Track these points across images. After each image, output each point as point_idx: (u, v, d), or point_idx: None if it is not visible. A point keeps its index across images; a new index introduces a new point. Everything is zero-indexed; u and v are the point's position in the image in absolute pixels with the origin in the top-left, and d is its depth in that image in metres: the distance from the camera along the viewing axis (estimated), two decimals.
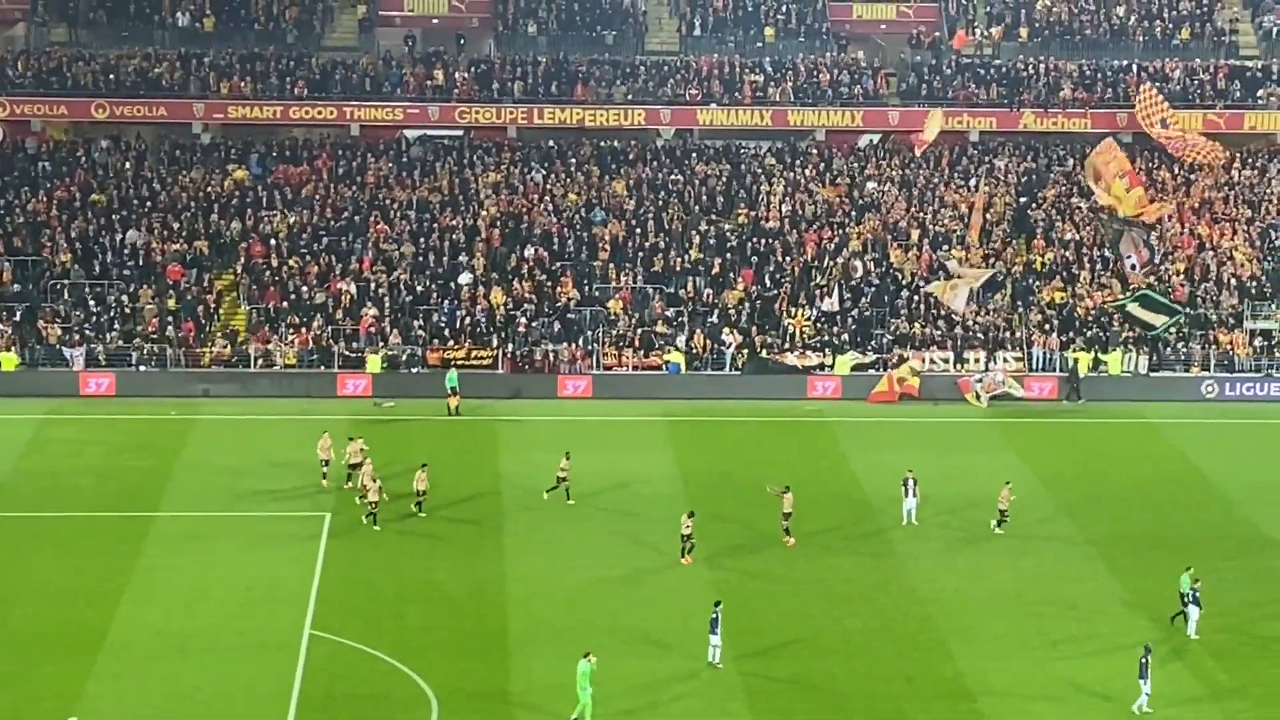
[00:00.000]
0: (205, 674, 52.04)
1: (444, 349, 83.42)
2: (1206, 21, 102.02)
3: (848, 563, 61.79)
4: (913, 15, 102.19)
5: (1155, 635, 55.24)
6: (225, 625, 55.46)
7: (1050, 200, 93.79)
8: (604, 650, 52.11)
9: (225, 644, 54.06)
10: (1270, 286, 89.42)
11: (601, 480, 69.24)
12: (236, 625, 55.47)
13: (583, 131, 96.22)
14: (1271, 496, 69.67)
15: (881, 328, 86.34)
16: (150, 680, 51.67)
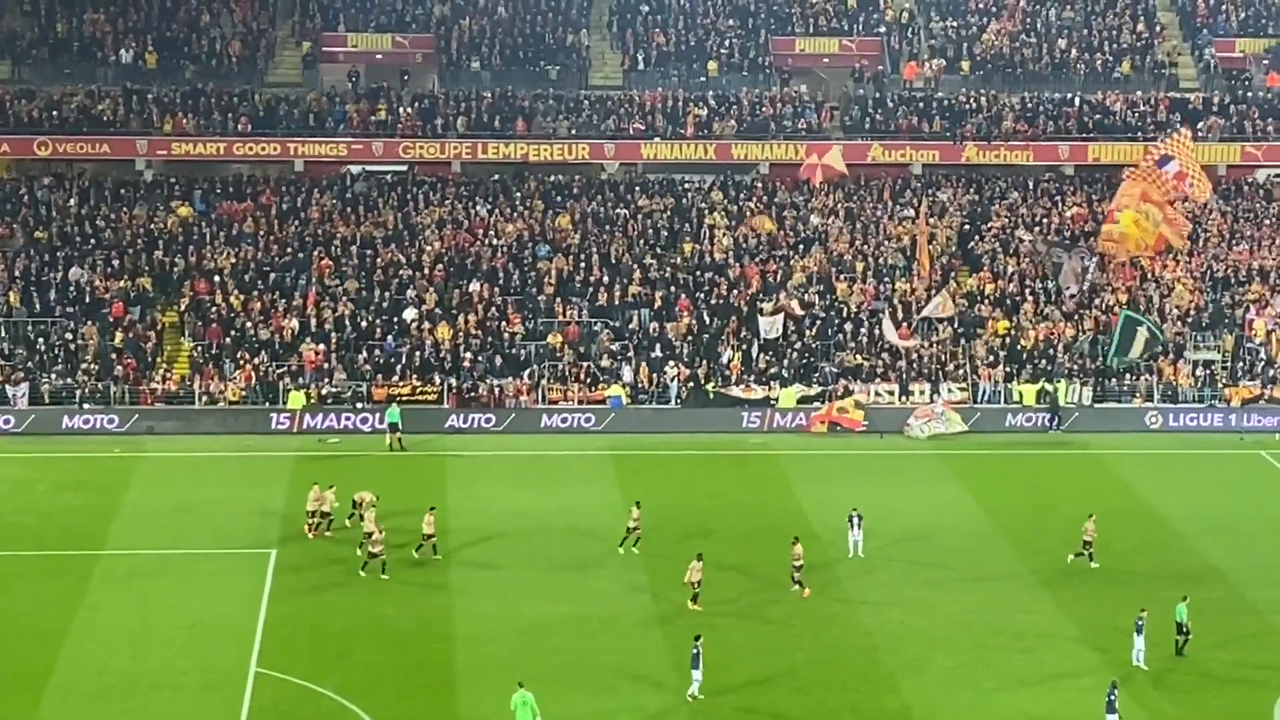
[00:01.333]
0: (151, 713, 51.73)
1: (389, 384, 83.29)
2: (1147, 54, 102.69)
3: (795, 596, 61.77)
4: (855, 49, 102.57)
5: (1102, 668, 55.44)
6: (171, 664, 55.14)
7: (994, 233, 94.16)
8: (552, 686, 52.24)
9: (171, 682, 53.73)
10: (1210, 318, 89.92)
11: (547, 515, 69.12)
12: (182, 663, 55.16)
13: (527, 166, 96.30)
14: (1216, 528, 69.97)
15: (826, 360, 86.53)
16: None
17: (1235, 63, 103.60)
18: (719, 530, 67.65)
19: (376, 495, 66.26)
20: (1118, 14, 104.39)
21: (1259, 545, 68.12)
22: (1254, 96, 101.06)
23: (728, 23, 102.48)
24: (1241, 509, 73.03)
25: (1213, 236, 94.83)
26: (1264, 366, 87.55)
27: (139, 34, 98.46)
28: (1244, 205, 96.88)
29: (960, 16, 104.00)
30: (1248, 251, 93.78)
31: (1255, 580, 63.63)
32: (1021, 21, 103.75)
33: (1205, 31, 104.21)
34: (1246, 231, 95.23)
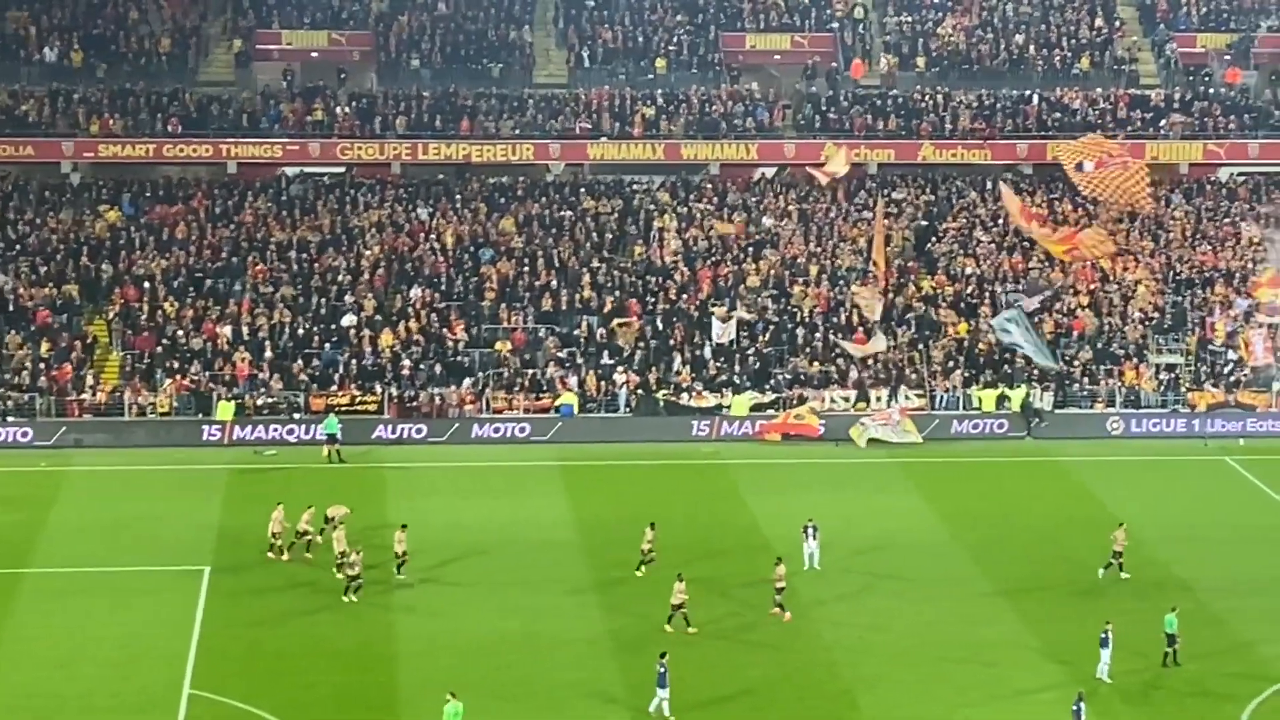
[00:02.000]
0: None
1: (327, 395, 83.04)
2: (1106, 50, 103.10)
3: (747, 609, 61.75)
4: (808, 45, 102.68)
5: (1066, 681, 55.60)
6: (101, 686, 54.83)
7: (952, 233, 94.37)
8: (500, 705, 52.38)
9: (101, 705, 53.46)
10: (1173, 320, 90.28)
11: (493, 529, 68.93)
12: (113, 685, 54.85)
13: (469, 167, 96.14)
14: (1180, 536, 70.24)
15: (780, 367, 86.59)
16: None
17: (1197, 58, 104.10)
18: (670, 544, 67.45)
19: (349, 510, 66.32)
20: (1076, 9, 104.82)
21: (1224, 555, 68.40)
22: (1216, 93, 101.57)
23: (676, 19, 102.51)
24: (1206, 517, 73.35)
25: (1175, 237, 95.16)
26: (1229, 369, 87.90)
27: (64, 31, 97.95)
28: (1206, 205, 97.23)
29: (915, 12, 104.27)
30: (1211, 252, 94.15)
31: (1221, 590, 63.82)
32: (978, 16, 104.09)
33: (1165, 27, 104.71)
34: (1209, 231, 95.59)
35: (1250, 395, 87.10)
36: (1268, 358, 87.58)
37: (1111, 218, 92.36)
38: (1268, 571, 66.56)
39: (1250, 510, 74.68)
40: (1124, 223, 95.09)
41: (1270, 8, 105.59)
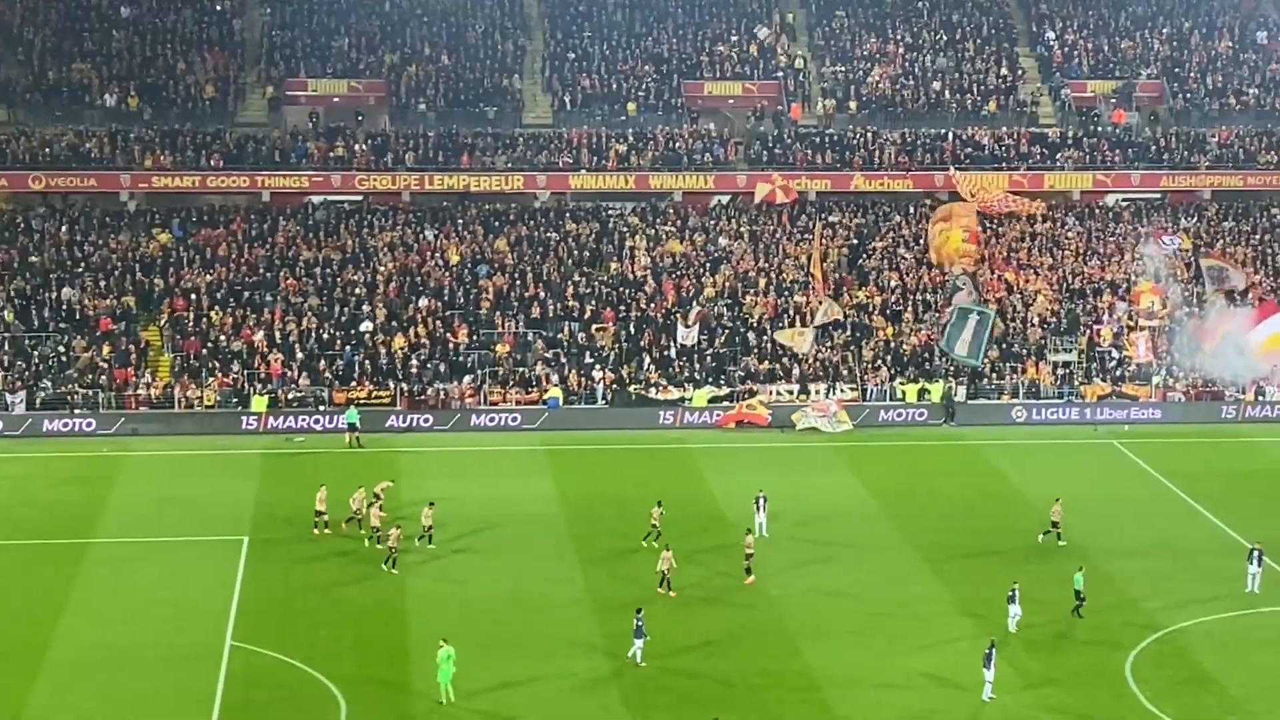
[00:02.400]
0: (139, 683, 51.45)
1: (348, 389, 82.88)
2: (1011, 94, 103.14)
3: (708, 572, 61.77)
4: (756, 91, 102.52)
5: (977, 631, 55.81)
6: (156, 639, 54.82)
7: (879, 251, 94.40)
8: (493, 654, 52.61)
9: (155, 655, 53.43)
10: (1068, 324, 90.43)
11: (488, 504, 68.87)
12: (166, 638, 54.84)
13: (469, 196, 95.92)
14: (1073, 507, 70.10)
15: (734, 365, 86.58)
16: (89, 691, 51.00)
17: (1087, 101, 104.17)
18: (641, 514, 67.43)
19: (392, 482, 66.86)
20: (985, 59, 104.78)
21: (1112, 523, 68.54)
22: (1103, 131, 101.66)
23: (645, 68, 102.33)
24: (1096, 491, 73.44)
25: (1069, 253, 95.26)
26: (1115, 366, 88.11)
27: (122, 80, 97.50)
28: (1095, 226, 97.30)
29: (848, 62, 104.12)
30: (1099, 267, 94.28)
31: (1110, 553, 63.97)
32: (901, 67, 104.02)
33: (1061, 75, 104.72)
34: (1098, 249, 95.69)
35: (1134, 388, 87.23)
36: (1149, 356, 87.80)
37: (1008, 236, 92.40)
38: (1149, 537, 66.78)
39: (1134, 485, 74.82)
40: (1025, 241, 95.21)
41: (1149, 57, 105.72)
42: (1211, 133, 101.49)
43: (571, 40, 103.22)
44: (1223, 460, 78.92)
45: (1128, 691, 51.88)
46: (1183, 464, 77.38)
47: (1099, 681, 52.61)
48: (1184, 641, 55.90)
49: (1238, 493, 73.04)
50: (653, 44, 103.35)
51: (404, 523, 64.05)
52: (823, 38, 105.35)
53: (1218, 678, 52.94)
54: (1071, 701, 51.11)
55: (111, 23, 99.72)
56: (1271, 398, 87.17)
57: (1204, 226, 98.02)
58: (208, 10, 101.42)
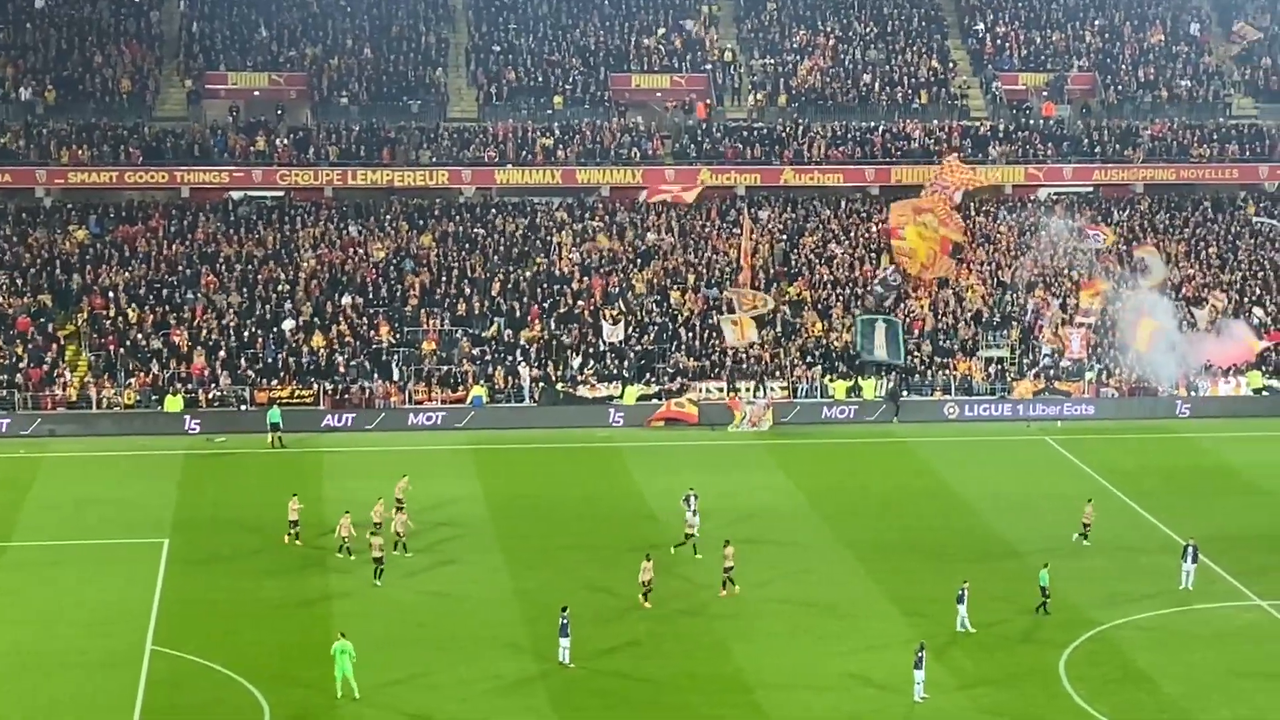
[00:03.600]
0: (58, 689, 51.02)
1: (270, 388, 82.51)
2: (942, 87, 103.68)
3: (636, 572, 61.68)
4: (685, 84, 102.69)
5: (909, 631, 55.94)
6: (75, 644, 54.37)
7: (809, 246, 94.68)
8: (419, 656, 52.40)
9: (75, 661, 53.00)
10: (999, 319, 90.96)
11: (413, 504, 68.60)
12: (85, 643, 54.41)
13: (392, 191, 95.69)
14: (1007, 505, 70.79)
15: (663, 362, 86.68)
16: (7, 697, 50.50)
17: (1018, 94, 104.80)
18: (569, 514, 67.58)
19: (406, 477, 67.30)
20: (915, 52, 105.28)
21: (1044, 520, 68.88)
22: (1034, 124, 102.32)
23: (571, 61, 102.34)
24: (1028, 488, 73.87)
25: (1001, 248, 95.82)
26: (1046, 361, 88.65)
27: (38, 74, 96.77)
28: (1028, 220, 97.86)
29: (777, 55, 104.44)
30: (1031, 261, 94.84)
31: (1042, 551, 64.17)
32: (831, 59, 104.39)
33: (991, 67, 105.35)
34: (1030, 243, 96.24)
35: (1066, 384, 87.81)
36: (1082, 352, 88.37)
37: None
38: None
39: (1066, 482, 75.19)
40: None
41: (1081, 50, 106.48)
42: (1144, 126, 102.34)
43: (496, 33, 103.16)
44: (1156, 456, 79.53)
45: (1062, 691, 52.18)
46: (1116, 460, 77.94)
47: (1033, 680, 52.87)
48: (1118, 639, 56.26)
49: (1171, 489, 73.64)
50: (579, 36, 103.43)
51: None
52: (751, 30, 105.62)
53: (1152, 676, 53.33)
54: (1006, 701, 51.37)
55: (26, 15, 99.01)
56: (1204, 393, 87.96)
57: (1136, 220, 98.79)
58: (125, 2, 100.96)
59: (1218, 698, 51.76)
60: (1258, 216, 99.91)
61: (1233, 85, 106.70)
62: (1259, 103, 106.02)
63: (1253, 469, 76.83)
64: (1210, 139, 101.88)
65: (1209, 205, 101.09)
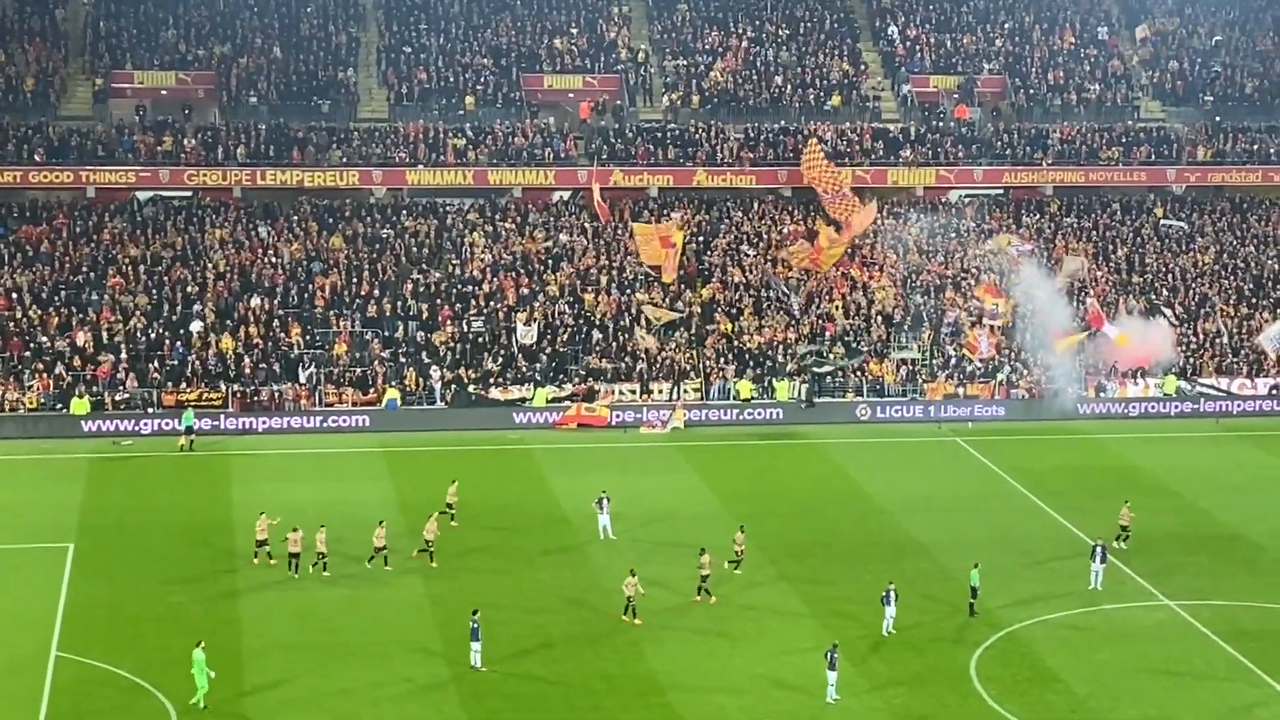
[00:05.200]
0: None
1: (177, 391, 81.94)
2: (854, 90, 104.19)
3: (550, 575, 61.78)
4: (597, 85, 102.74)
5: (822, 633, 56.19)
6: None
7: (722, 248, 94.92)
8: (330, 661, 52.23)
9: None
10: (911, 321, 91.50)
11: (324, 507, 68.28)
12: None
13: (302, 191, 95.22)
14: (919, 506, 71.25)
15: (575, 364, 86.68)
16: None
17: (930, 97, 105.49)
18: (479, 516, 67.45)
19: (455, 481, 67.81)
20: (827, 54, 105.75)
21: (956, 520, 69.42)
22: (945, 126, 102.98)
23: (483, 61, 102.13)
24: (940, 489, 74.41)
25: (912, 250, 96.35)
26: (957, 363, 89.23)
27: None
28: (939, 222, 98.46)
29: (689, 56, 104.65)
30: (942, 263, 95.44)
31: (954, 551, 64.68)
32: (743, 61, 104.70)
33: (903, 70, 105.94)
34: (941, 245, 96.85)
35: (977, 386, 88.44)
36: (991, 352, 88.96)
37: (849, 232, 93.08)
38: (992, 534, 67.68)
39: (977, 483, 75.82)
40: (869, 237, 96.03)
41: (991, 53, 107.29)
42: (1053, 128, 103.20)
43: (407, 32, 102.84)
44: (1065, 457, 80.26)
45: (973, 691, 52.56)
46: (1025, 461, 78.61)
47: (944, 681, 53.22)
48: (1029, 639, 56.72)
49: (1080, 489, 74.33)
50: (491, 36, 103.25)
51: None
52: (663, 30, 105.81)
53: (1061, 676, 53.79)
54: (916, 703, 51.68)
55: None
56: (1113, 394, 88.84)
57: (1046, 222, 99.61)
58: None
59: (1125, 697, 52.30)
60: (1165, 220, 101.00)
61: (1141, 89, 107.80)
62: (1166, 106, 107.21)
63: (1160, 470, 77.66)
64: (1119, 142, 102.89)
65: (1118, 208, 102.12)
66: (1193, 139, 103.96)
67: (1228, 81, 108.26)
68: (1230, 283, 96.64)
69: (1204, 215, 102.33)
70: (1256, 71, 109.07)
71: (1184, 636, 57.50)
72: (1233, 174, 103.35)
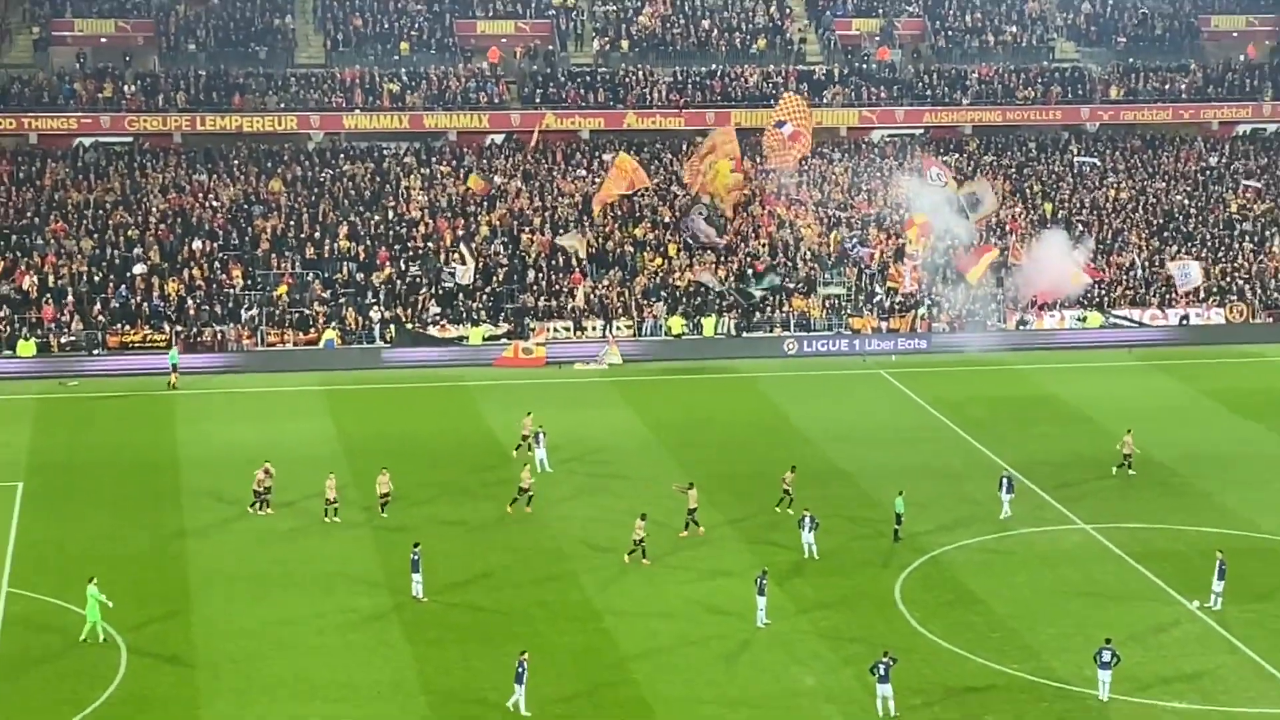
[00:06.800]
0: None
1: (122, 333, 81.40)
2: (778, 33, 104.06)
3: (488, 506, 61.79)
4: (529, 30, 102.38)
5: (751, 559, 56.42)
6: None
7: (652, 188, 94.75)
8: (275, 591, 52.37)
9: None
10: (835, 257, 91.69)
11: (266, 445, 68.04)
12: None
13: (241, 136, 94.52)
14: (842, 435, 71.57)
15: (511, 302, 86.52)
16: None
17: (853, 40, 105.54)
18: (419, 452, 67.32)
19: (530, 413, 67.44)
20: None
21: (880, 450, 69.72)
22: (868, 69, 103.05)
23: (417, 7, 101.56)
24: (865, 420, 74.74)
25: (836, 189, 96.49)
26: (881, 298, 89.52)
27: None
28: (863, 162, 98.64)
29: (619, 1, 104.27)
30: (866, 201, 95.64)
31: (877, 479, 64.92)
32: (671, 5, 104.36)
33: (827, 13, 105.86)
34: (864, 184, 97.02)
35: (899, 320, 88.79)
36: (914, 287, 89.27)
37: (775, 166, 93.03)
38: (915, 462, 68.03)
39: (901, 414, 76.18)
40: (795, 176, 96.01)
41: None
42: (972, 70, 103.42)
43: None
44: (984, 387, 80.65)
45: (898, 613, 52.92)
46: (947, 392, 79.00)
47: (869, 604, 53.56)
48: (951, 563, 57.12)
49: (999, 418, 74.81)
50: None
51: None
52: None
53: (982, 597, 54.21)
54: (844, 625, 52.00)
55: None
56: (1030, 327, 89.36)
57: (965, 160, 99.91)
58: None
59: (1043, 617, 52.78)
60: (1079, 157, 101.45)
61: (1055, 30, 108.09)
62: (1080, 47, 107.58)
63: (1076, 399, 78.19)
64: (1034, 82, 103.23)
65: (1034, 146, 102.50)
66: (1105, 78, 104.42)
67: (1139, 22, 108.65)
68: (1142, 217, 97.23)
69: (1117, 152, 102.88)
70: (1166, 13, 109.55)
71: (1099, 558, 58.05)
72: (1144, 112, 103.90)
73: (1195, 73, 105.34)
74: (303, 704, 46.19)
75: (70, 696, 46.20)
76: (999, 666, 49.16)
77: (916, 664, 48.80)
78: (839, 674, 48.44)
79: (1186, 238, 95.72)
